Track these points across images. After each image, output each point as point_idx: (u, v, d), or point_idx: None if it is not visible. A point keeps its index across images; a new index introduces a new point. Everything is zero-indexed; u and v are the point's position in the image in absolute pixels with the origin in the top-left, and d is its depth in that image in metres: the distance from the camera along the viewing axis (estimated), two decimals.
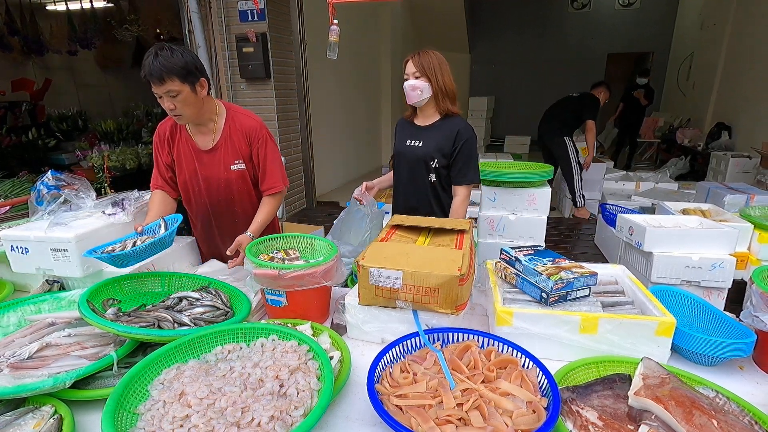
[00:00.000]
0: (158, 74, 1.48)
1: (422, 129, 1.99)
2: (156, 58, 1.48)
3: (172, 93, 1.53)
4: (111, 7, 6.28)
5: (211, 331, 1.08)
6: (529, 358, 1.01)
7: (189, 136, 1.77)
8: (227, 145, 1.77)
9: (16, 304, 1.34)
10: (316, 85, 5.37)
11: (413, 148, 1.98)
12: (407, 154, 2.00)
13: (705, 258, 2.09)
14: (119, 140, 5.48)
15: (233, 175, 1.80)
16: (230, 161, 1.79)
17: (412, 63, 1.88)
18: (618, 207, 3.63)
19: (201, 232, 1.97)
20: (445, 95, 1.91)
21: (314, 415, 0.81)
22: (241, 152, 1.79)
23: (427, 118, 1.99)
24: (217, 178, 1.80)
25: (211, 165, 1.79)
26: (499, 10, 10.66)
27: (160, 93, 1.54)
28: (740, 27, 6.59)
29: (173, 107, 1.57)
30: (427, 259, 1.20)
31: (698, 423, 0.81)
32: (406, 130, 2.04)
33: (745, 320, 1.16)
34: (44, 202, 1.72)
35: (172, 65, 1.49)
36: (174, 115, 1.61)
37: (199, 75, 1.59)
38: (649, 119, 8.39)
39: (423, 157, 1.95)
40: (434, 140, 1.94)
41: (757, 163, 5.14)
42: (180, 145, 1.79)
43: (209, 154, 1.78)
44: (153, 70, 1.48)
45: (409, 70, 1.88)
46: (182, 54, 1.52)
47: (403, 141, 2.03)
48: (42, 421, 0.90)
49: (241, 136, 1.78)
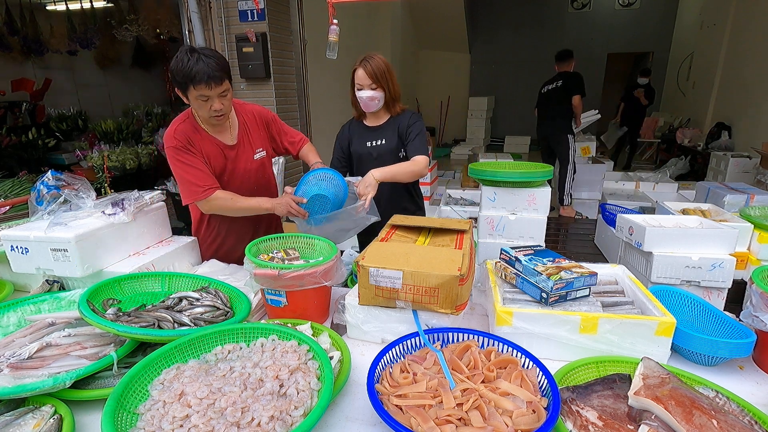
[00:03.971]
0: (218, 76, 1.48)
1: (378, 129, 2.11)
2: (206, 60, 1.46)
3: (225, 93, 1.55)
4: (111, 7, 6.28)
5: (211, 331, 1.08)
6: (529, 358, 1.01)
7: (209, 135, 1.74)
8: (248, 136, 1.82)
9: (16, 304, 1.34)
10: (316, 85, 5.37)
11: (378, 147, 2.09)
12: (373, 153, 2.10)
13: (705, 258, 2.09)
14: (119, 140, 5.47)
15: (256, 164, 1.86)
16: (253, 151, 1.84)
17: (364, 73, 1.93)
18: (618, 207, 3.63)
19: (219, 230, 1.94)
20: (396, 100, 2.06)
21: (314, 415, 0.81)
22: (261, 139, 1.85)
23: (379, 119, 2.12)
24: (244, 170, 1.83)
25: (237, 159, 1.81)
26: (499, 9, 10.65)
27: (213, 95, 1.52)
28: (740, 27, 6.59)
29: (221, 107, 1.57)
30: (427, 259, 1.20)
31: (698, 423, 0.81)
32: (362, 133, 2.14)
33: (745, 320, 1.16)
34: (44, 202, 1.72)
35: (224, 65, 1.51)
36: (219, 115, 1.61)
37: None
38: (649, 119, 8.39)
39: (390, 150, 2.07)
40: (393, 133, 2.07)
41: (757, 163, 5.15)
42: (203, 146, 1.72)
43: (235, 149, 1.80)
44: (211, 71, 1.46)
45: (363, 81, 1.95)
46: (217, 54, 1.54)
47: (362, 143, 2.13)
48: (42, 421, 0.90)
49: (257, 123, 1.84)
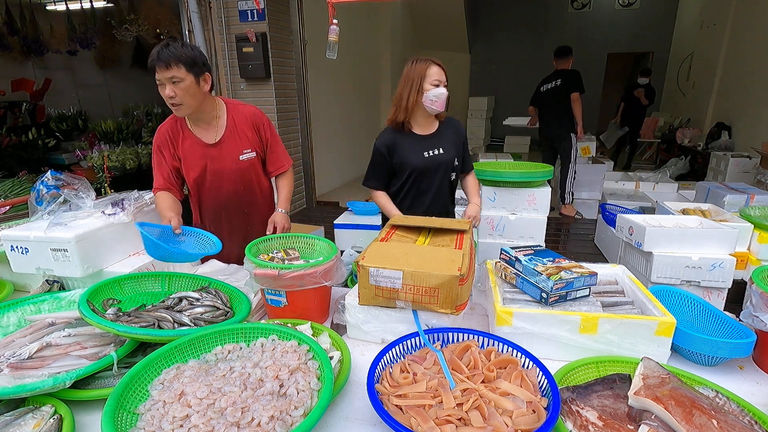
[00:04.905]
0: (165, 59, 1.53)
1: (432, 137, 1.96)
2: (166, 47, 1.55)
3: (175, 79, 1.56)
4: (111, 7, 6.28)
5: (211, 331, 1.08)
6: (529, 358, 1.01)
7: (191, 133, 1.78)
8: (233, 136, 1.81)
9: (16, 304, 1.34)
10: (315, 85, 5.37)
11: (435, 157, 1.94)
12: (431, 166, 1.94)
13: (705, 258, 2.09)
14: (119, 140, 5.47)
15: (243, 165, 1.84)
16: (239, 152, 1.82)
17: (440, 70, 1.82)
18: (618, 207, 3.63)
19: (209, 230, 1.96)
20: None
21: (314, 415, 0.81)
22: (249, 140, 1.83)
23: (431, 126, 1.97)
24: (228, 170, 1.83)
25: (220, 158, 1.81)
26: (499, 10, 10.65)
27: (163, 79, 1.56)
28: (740, 27, 6.59)
29: (173, 94, 1.59)
30: (427, 259, 1.20)
31: (698, 423, 0.81)
32: (414, 144, 1.94)
33: (745, 320, 1.16)
34: (44, 202, 1.72)
35: (181, 53, 1.56)
36: (173, 103, 1.62)
37: (205, 69, 1.65)
38: (649, 119, 8.38)
39: (448, 162, 1.97)
40: (450, 143, 1.97)
41: (757, 163, 5.14)
42: (185, 144, 1.79)
43: (217, 147, 1.80)
44: (161, 55, 1.54)
45: (439, 77, 1.82)
46: (192, 48, 1.61)
47: (418, 155, 1.93)
48: (42, 421, 0.90)
49: (246, 124, 1.82)
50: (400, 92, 1.88)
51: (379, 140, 1.96)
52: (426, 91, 1.82)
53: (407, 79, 1.85)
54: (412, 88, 1.84)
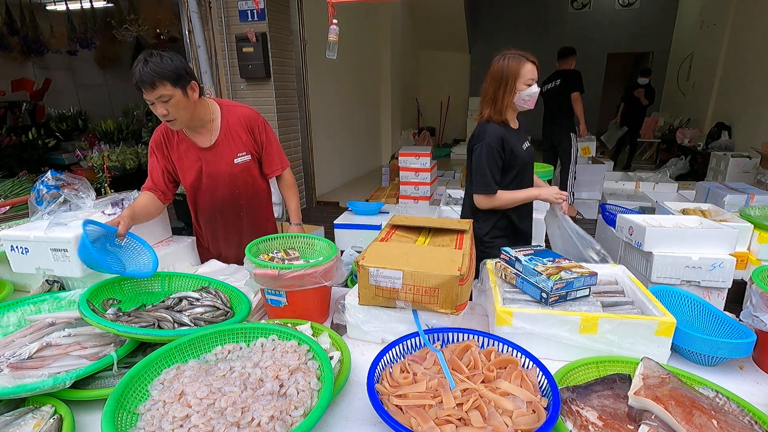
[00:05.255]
0: (150, 80, 1.48)
1: (520, 129, 1.93)
2: (146, 65, 1.48)
3: (164, 98, 1.53)
4: (111, 7, 6.28)
5: (211, 331, 1.08)
6: (529, 358, 1.01)
7: (186, 137, 1.77)
8: (228, 139, 1.79)
9: (16, 304, 1.34)
10: (315, 85, 5.37)
11: (529, 150, 1.95)
12: (527, 159, 1.91)
13: (705, 258, 2.08)
14: (119, 140, 5.48)
15: (237, 168, 1.82)
16: (233, 155, 1.80)
17: (534, 68, 1.75)
18: (618, 207, 3.63)
19: (206, 233, 1.97)
20: None
21: (314, 415, 0.81)
22: (244, 143, 1.81)
23: (515, 120, 1.91)
24: (223, 173, 1.81)
25: (215, 161, 1.79)
26: (499, 10, 10.64)
27: (152, 99, 1.53)
28: (740, 27, 6.59)
29: (166, 112, 1.56)
30: (427, 259, 1.20)
31: (698, 423, 0.81)
32: (516, 138, 1.87)
33: (745, 320, 1.16)
34: (44, 202, 1.72)
35: (163, 70, 1.49)
36: (167, 120, 1.60)
37: (190, 78, 1.59)
38: (649, 119, 8.38)
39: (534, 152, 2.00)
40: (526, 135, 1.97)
41: (757, 163, 5.15)
42: (180, 148, 1.78)
43: (211, 150, 1.78)
44: (144, 76, 1.48)
45: (533, 75, 1.75)
46: (171, 59, 1.53)
47: (519, 147, 1.86)
48: (42, 421, 0.90)
49: (241, 126, 1.80)
50: (493, 92, 1.78)
51: (488, 137, 1.79)
52: (519, 91, 1.74)
53: (500, 78, 1.75)
54: (506, 87, 1.74)
